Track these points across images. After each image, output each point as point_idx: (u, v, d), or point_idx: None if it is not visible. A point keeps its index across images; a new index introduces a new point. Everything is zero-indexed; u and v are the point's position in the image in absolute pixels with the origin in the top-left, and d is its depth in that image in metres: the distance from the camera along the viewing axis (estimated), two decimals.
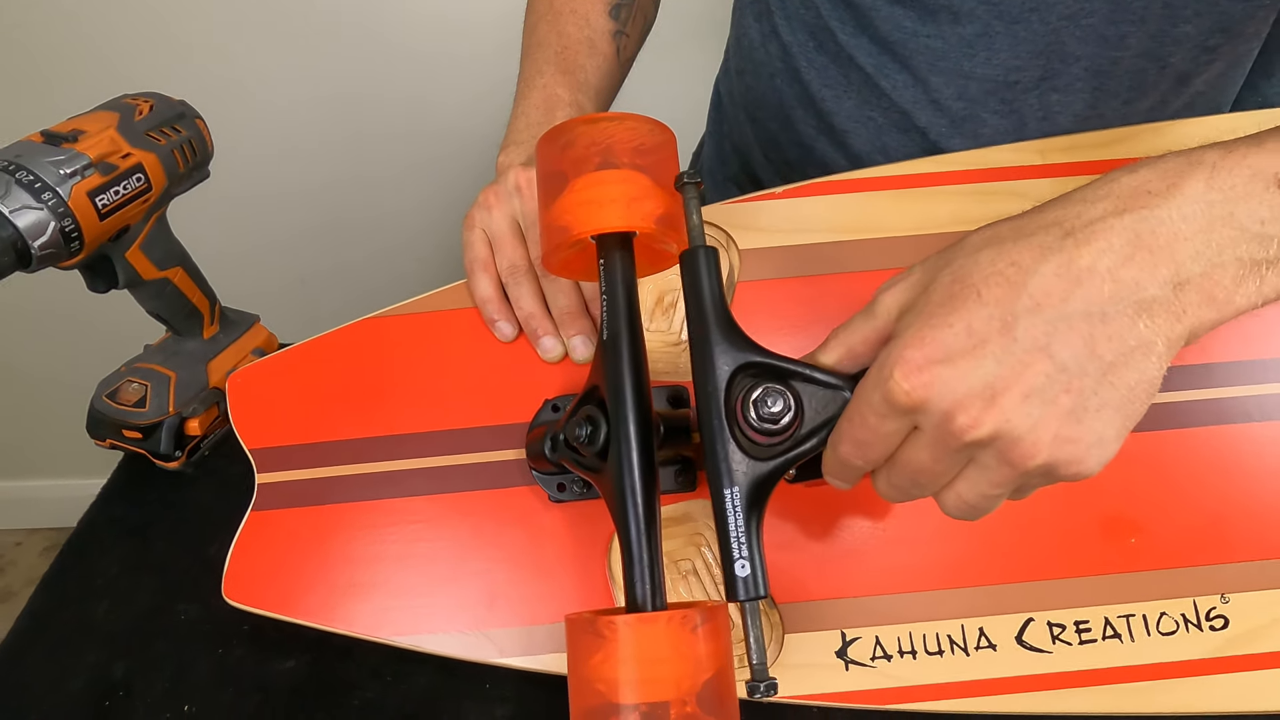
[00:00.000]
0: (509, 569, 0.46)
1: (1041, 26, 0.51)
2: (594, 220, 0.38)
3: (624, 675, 0.33)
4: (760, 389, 0.35)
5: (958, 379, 0.29)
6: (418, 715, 0.47)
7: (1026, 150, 0.52)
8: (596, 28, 0.61)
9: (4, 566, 1.67)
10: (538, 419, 0.46)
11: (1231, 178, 0.30)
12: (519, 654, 0.45)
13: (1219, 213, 0.29)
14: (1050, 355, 0.29)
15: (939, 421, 0.30)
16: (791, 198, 0.51)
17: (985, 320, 0.29)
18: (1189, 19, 0.50)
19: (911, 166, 0.52)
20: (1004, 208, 0.48)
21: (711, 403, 0.35)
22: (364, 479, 0.47)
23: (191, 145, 0.56)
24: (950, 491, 0.33)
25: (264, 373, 0.50)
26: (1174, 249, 0.29)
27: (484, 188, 0.51)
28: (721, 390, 0.35)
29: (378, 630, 0.46)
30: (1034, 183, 0.51)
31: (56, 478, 1.62)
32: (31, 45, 1.06)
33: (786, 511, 0.47)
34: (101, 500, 0.59)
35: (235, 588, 0.46)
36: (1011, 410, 0.29)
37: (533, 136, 0.54)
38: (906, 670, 0.46)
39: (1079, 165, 0.51)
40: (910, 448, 0.32)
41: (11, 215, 0.46)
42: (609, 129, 0.38)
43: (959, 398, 0.29)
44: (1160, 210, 0.29)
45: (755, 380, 0.35)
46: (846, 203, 0.51)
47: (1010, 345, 0.29)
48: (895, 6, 0.53)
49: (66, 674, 0.49)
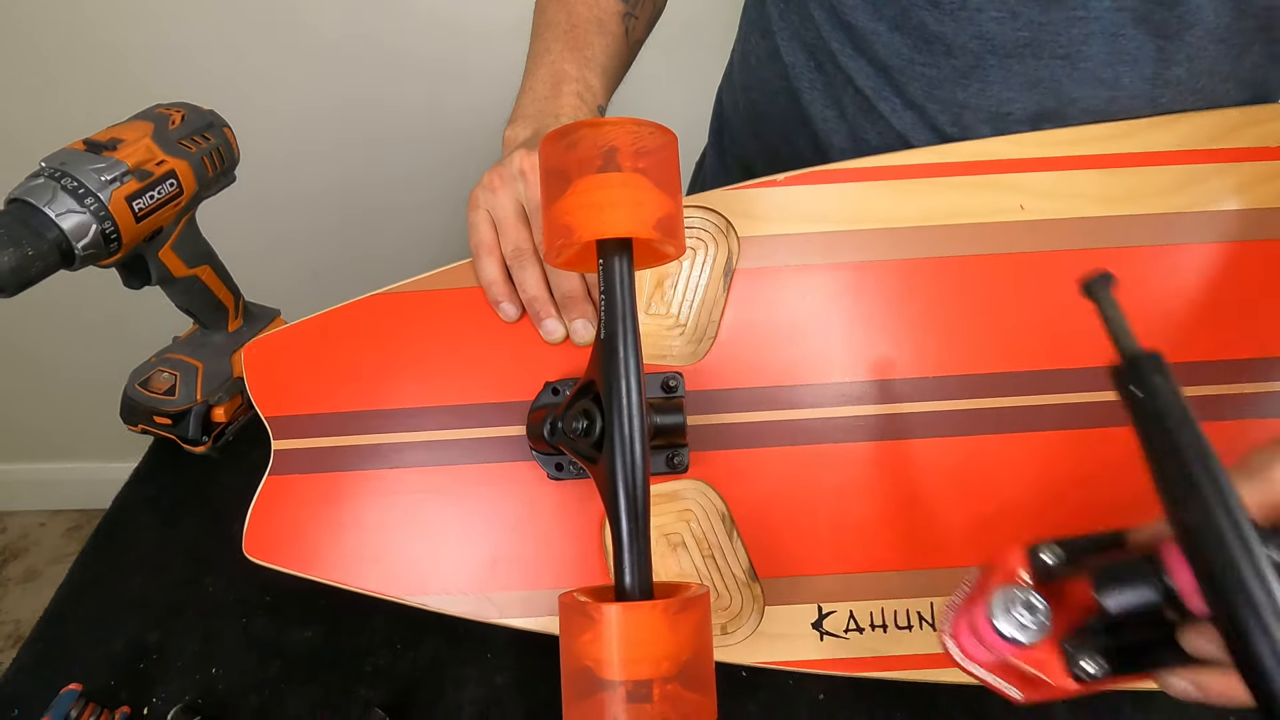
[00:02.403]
0: (510, 537, 0.50)
1: (1035, 63, 0.53)
2: (595, 224, 0.39)
3: (610, 656, 0.36)
4: None
5: None
6: (424, 680, 0.51)
7: (1028, 143, 0.53)
8: (605, 8, 0.61)
9: (28, 546, 1.73)
10: (538, 401, 0.50)
11: None
12: (518, 615, 0.49)
13: None
14: None
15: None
16: (792, 185, 0.53)
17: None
18: (1181, 63, 0.52)
19: (912, 156, 0.53)
20: (1004, 201, 0.52)
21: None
22: (373, 449, 0.50)
23: (220, 152, 0.60)
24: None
25: (278, 344, 0.53)
26: None
27: (489, 169, 0.51)
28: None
29: (387, 588, 0.49)
30: (1035, 176, 0.52)
31: (79, 460, 1.68)
32: (74, 59, 1.11)
33: (769, 492, 0.50)
34: (133, 482, 0.64)
35: (255, 546, 0.50)
36: None
37: (539, 111, 0.54)
38: (877, 642, 0.50)
39: (1081, 159, 0.53)
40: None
41: (58, 219, 0.51)
42: (611, 131, 0.39)
43: None
44: None
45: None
46: (847, 192, 0.52)
47: None
48: (894, 33, 0.55)
49: (105, 638, 0.53)
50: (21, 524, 1.79)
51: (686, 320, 0.52)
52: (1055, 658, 0.34)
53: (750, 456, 0.51)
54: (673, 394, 0.50)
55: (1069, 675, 0.33)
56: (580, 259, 0.43)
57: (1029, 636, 0.33)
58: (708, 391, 0.51)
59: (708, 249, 0.52)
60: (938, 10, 0.52)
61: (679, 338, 0.52)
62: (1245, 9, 0.49)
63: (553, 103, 0.54)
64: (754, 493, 0.51)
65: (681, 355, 0.51)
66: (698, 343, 0.51)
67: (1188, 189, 0.53)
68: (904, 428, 0.51)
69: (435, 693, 0.50)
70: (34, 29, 1.09)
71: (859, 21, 0.56)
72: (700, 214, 0.52)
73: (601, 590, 0.40)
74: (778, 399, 0.51)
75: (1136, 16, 0.50)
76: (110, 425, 0.63)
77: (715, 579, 0.51)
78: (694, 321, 0.52)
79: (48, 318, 1.44)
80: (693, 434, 0.50)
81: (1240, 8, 0.49)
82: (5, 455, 1.72)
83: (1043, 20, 0.51)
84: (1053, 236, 0.52)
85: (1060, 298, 0.52)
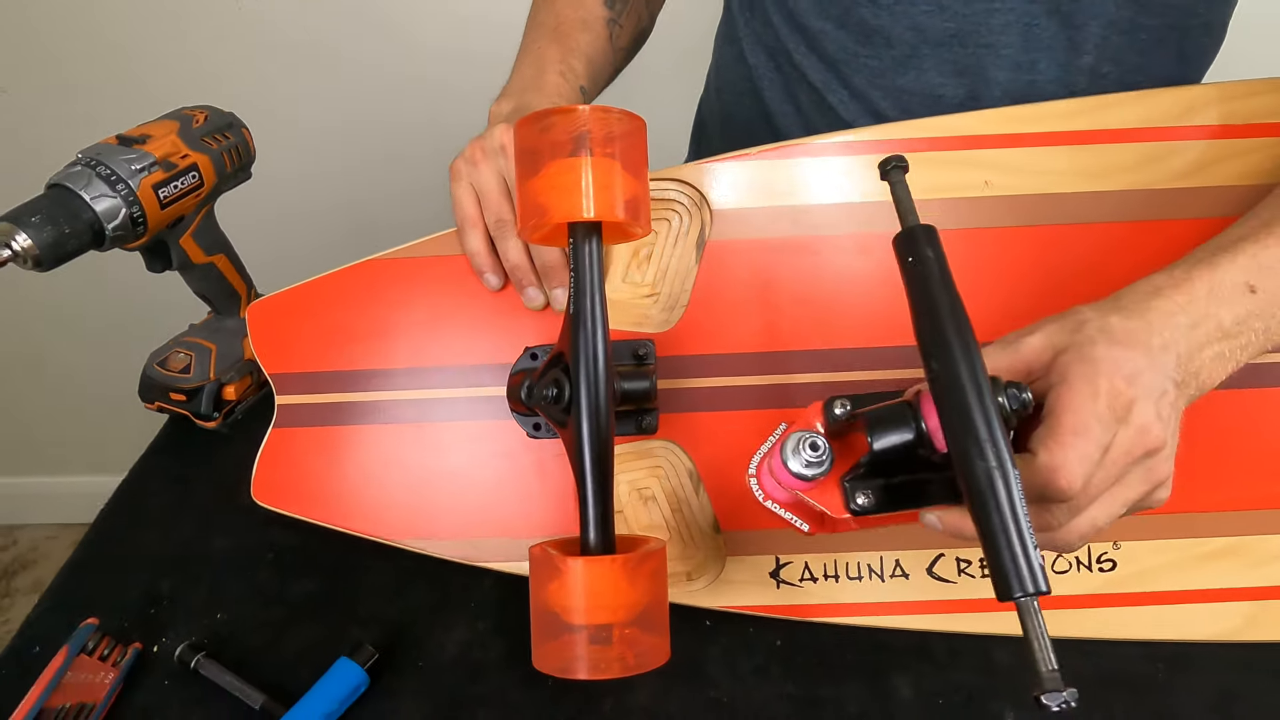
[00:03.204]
0: (493, 490, 0.54)
1: (962, 51, 0.60)
2: (566, 207, 0.42)
3: (574, 603, 0.40)
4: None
5: (1146, 396, 0.37)
6: (414, 624, 0.55)
7: (993, 119, 0.55)
8: (591, 11, 0.66)
9: (38, 559, 1.77)
10: (518, 365, 0.54)
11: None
12: (501, 560, 0.54)
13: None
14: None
15: (1134, 433, 0.36)
16: (764, 159, 0.56)
17: (1137, 368, 0.37)
18: (1089, 51, 0.59)
19: (879, 132, 0.56)
20: (970, 177, 0.55)
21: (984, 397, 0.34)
22: (370, 405, 0.55)
23: (238, 150, 0.66)
24: (1087, 517, 0.37)
25: (280, 305, 0.57)
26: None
27: (471, 140, 0.54)
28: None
29: (380, 531, 0.54)
30: (999, 152, 0.55)
31: (90, 474, 1.72)
32: (112, 68, 1.22)
33: (734, 451, 0.55)
34: (150, 454, 0.68)
35: (262, 491, 0.54)
36: (1170, 430, 0.37)
37: (523, 88, 0.58)
38: (829, 591, 0.54)
39: (1045, 135, 0.55)
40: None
41: (92, 201, 0.56)
42: (582, 117, 0.43)
43: (1148, 413, 0.37)
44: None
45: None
46: (817, 167, 0.55)
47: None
48: (839, 30, 0.62)
49: (120, 587, 0.57)
50: (31, 537, 1.83)
51: (660, 289, 0.57)
52: (837, 494, 0.39)
53: (717, 419, 0.55)
54: (642, 362, 0.55)
55: (846, 510, 0.39)
56: (554, 235, 0.46)
57: (813, 471, 0.38)
58: (679, 357, 0.55)
59: (682, 220, 0.57)
60: (875, 6, 0.59)
61: (654, 306, 0.56)
62: (1146, 5, 0.56)
63: (536, 79, 0.59)
64: (720, 452, 0.55)
65: (656, 322, 0.56)
66: (670, 310, 0.56)
67: (1152, 165, 0.55)
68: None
69: (423, 635, 0.54)
70: (90, 66, 1.22)
71: (809, 22, 0.62)
72: (675, 187, 0.56)
73: (568, 543, 0.45)
74: (744, 365, 0.55)
75: (1048, 8, 0.56)
76: (121, 440, 0.67)
77: (682, 530, 0.55)
78: (668, 290, 0.56)
79: (59, 332, 1.50)
80: (664, 397, 0.55)
81: (1140, 2, 0.55)
82: (16, 469, 1.76)
83: (966, 12, 0.57)
84: (1018, 212, 0.55)
85: (1022, 271, 0.54)
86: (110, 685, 0.50)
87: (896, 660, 0.53)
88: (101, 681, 0.51)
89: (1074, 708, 0.31)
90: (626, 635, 0.41)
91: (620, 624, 0.41)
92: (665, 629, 0.43)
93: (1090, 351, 0.37)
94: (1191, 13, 0.58)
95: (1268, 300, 0.41)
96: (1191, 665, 0.52)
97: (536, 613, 0.42)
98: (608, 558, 0.41)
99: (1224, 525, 0.54)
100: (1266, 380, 0.54)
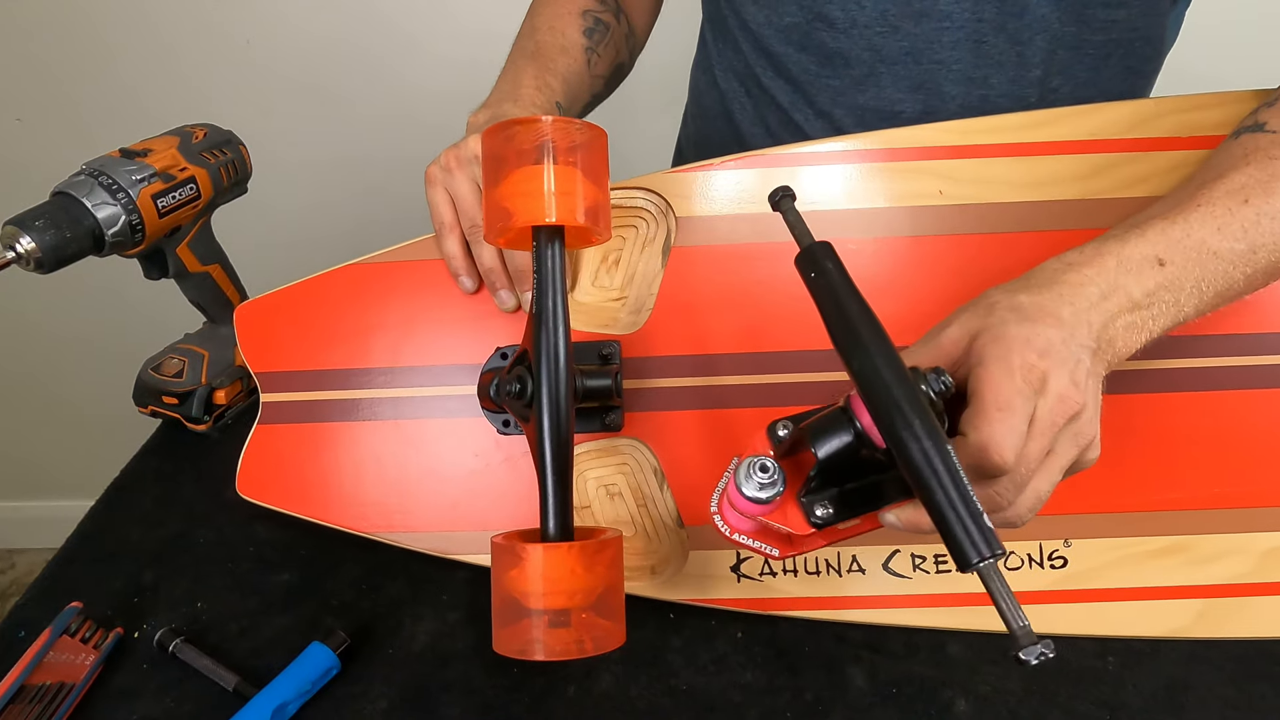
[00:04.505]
0: (466, 484, 0.57)
1: (916, 68, 0.63)
2: (530, 211, 0.45)
3: (533, 589, 0.42)
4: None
5: (1059, 367, 0.38)
6: (387, 615, 0.57)
7: (950, 130, 0.57)
8: (570, 39, 0.69)
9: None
10: (488, 364, 0.57)
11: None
12: (474, 553, 0.56)
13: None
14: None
15: (1054, 402, 0.38)
16: (727, 169, 0.58)
17: (1049, 340, 0.39)
18: (1038, 65, 0.62)
19: (838, 144, 0.58)
20: (924, 186, 0.57)
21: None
22: (347, 403, 0.58)
23: (235, 165, 0.69)
24: (1031, 489, 0.39)
25: (267, 306, 0.60)
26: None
27: (446, 148, 0.57)
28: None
29: (359, 525, 0.56)
30: (955, 163, 0.57)
31: (88, 499, 1.74)
32: (122, 97, 1.29)
33: (696, 449, 0.57)
34: (141, 455, 0.71)
35: (246, 485, 0.57)
36: (1089, 394, 0.39)
37: (500, 100, 0.61)
38: (788, 585, 0.55)
39: (1000, 147, 0.57)
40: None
41: (93, 208, 0.60)
42: (545, 126, 0.45)
43: (1063, 382, 0.38)
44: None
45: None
46: (778, 176, 0.58)
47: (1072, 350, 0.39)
48: (802, 54, 0.66)
49: (105, 577, 0.59)
50: (29, 561, 1.84)
51: (628, 293, 0.59)
52: (797, 512, 0.40)
53: (681, 417, 0.57)
54: (607, 361, 0.57)
55: (808, 525, 0.40)
56: (518, 239, 0.49)
57: (768, 493, 0.39)
58: (644, 358, 0.58)
59: (649, 227, 0.60)
60: (834, 30, 0.62)
61: (622, 309, 0.59)
62: (1087, 21, 0.59)
63: (513, 92, 0.62)
64: (683, 450, 0.57)
65: (623, 324, 0.59)
66: (637, 313, 0.59)
67: (1100, 176, 0.57)
68: (817, 395, 0.58)
69: (395, 625, 0.56)
70: (101, 94, 1.29)
71: (774, 47, 0.66)
72: (643, 195, 0.59)
73: (529, 533, 0.47)
74: (705, 366, 0.58)
75: (995, 25, 0.60)
76: (119, 465, 0.70)
77: (647, 525, 0.57)
78: (634, 294, 0.59)
79: (57, 356, 1.53)
80: (630, 396, 0.57)
81: (1082, 19, 0.59)
82: (14, 493, 1.79)
83: (918, 31, 0.61)
84: (970, 220, 0.57)
85: (971, 276, 0.56)
86: (90, 666, 0.52)
87: (853, 652, 0.54)
88: (82, 662, 0.52)
89: (1051, 657, 0.32)
90: (584, 620, 0.43)
91: (578, 609, 0.42)
92: (621, 615, 0.45)
93: (1001, 331, 0.39)
94: (1131, 27, 0.61)
95: (1176, 273, 0.42)
96: (1142, 658, 0.54)
97: (497, 600, 0.44)
98: (565, 544, 0.43)
99: (1170, 524, 0.55)
100: (1207, 384, 0.56)
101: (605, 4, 0.72)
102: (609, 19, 0.72)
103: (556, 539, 0.45)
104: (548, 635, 0.42)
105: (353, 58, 1.25)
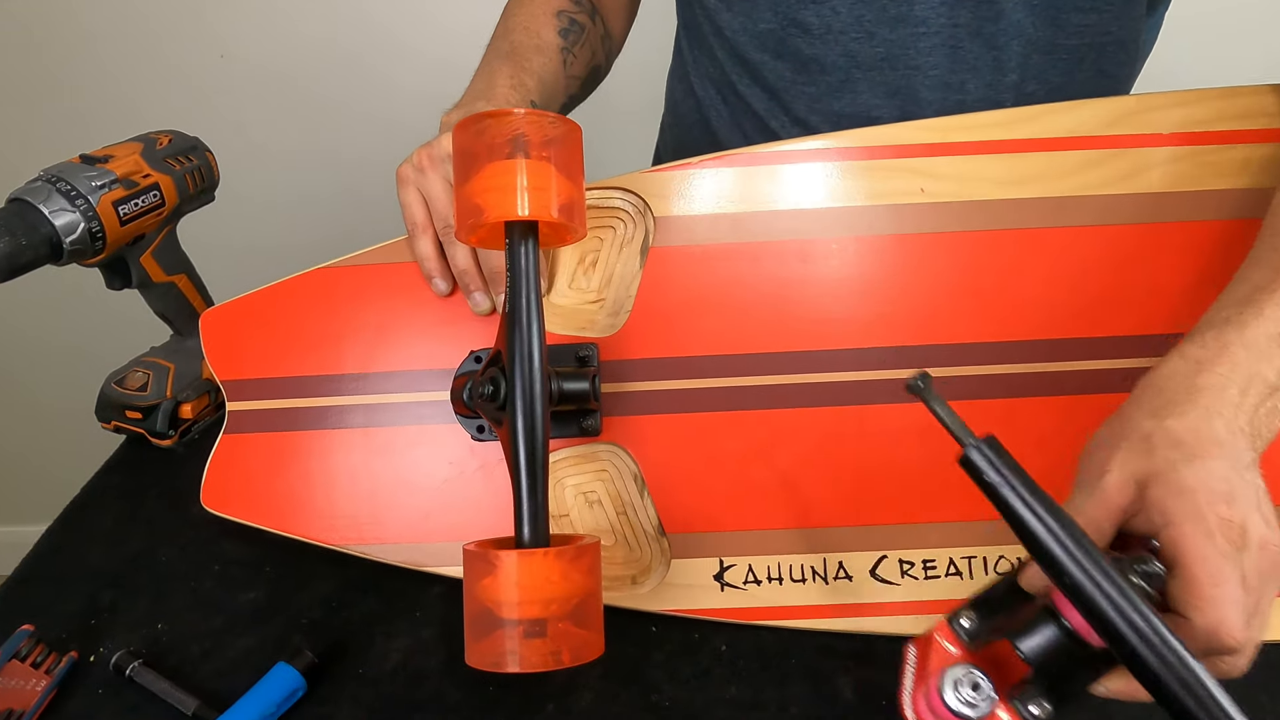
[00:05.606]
0: (440, 493, 0.55)
1: (893, 74, 0.63)
2: (502, 207, 0.43)
3: (507, 598, 0.40)
4: None
5: (1250, 511, 0.36)
6: (358, 633, 0.55)
7: (929, 129, 0.56)
8: (545, 39, 0.68)
9: None
10: (462, 368, 0.55)
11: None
12: (447, 565, 0.54)
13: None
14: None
15: (1257, 553, 0.35)
16: (705, 168, 0.57)
17: (1226, 480, 0.36)
18: (1013, 70, 0.62)
19: (818, 142, 0.56)
20: (906, 184, 0.56)
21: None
22: (317, 411, 0.56)
23: (201, 172, 0.67)
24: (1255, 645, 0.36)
25: (233, 312, 0.58)
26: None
27: (418, 147, 0.55)
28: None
29: (329, 537, 0.54)
30: (935, 160, 0.56)
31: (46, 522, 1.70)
32: (86, 95, 1.28)
33: (677, 455, 0.55)
34: (103, 471, 0.68)
35: (211, 498, 0.54)
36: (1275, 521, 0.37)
37: (474, 98, 0.59)
38: (773, 594, 0.54)
39: (979, 145, 0.56)
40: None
41: (51, 215, 0.58)
42: (518, 121, 0.44)
43: (1259, 527, 0.36)
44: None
45: None
46: (756, 175, 0.56)
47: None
48: (777, 61, 0.65)
49: (61, 598, 0.57)
50: None
51: (606, 294, 0.58)
52: (1009, 713, 0.37)
53: (660, 422, 0.56)
54: (585, 364, 0.55)
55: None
56: (491, 237, 0.48)
57: (980, 711, 0.36)
58: (622, 361, 0.56)
59: (627, 227, 0.58)
60: (809, 37, 0.62)
61: (599, 311, 0.58)
62: (1062, 25, 0.59)
63: (487, 90, 0.60)
64: (663, 455, 0.56)
65: (601, 327, 0.57)
66: (615, 315, 0.57)
67: (1080, 173, 0.56)
68: (799, 397, 0.56)
69: (366, 642, 0.54)
70: (70, 93, 1.27)
71: (750, 55, 0.65)
72: (621, 195, 0.58)
73: (502, 541, 0.45)
74: (685, 369, 0.56)
75: (970, 31, 0.59)
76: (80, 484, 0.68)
77: (627, 534, 0.55)
78: (612, 295, 0.58)
79: (53, 378, 1.50)
80: (608, 400, 0.56)
81: (1056, 24, 0.58)
82: (12, 518, 1.74)
83: (893, 37, 0.60)
84: (953, 218, 0.56)
85: (953, 274, 0.56)
86: (41, 692, 0.50)
87: (840, 663, 0.52)
88: (33, 688, 0.50)
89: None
90: (560, 630, 0.41)
91: (554, 618, 0.40)
92: (599, 624, 0.43)
93: (1176, 480, 0.37)
94: (1104, 31, 0.61)
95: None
96: None
97: (470, 612, 0.42)
98: (540, 550, 0.41)
99: None
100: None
101: (581, 5, 0.71)
102: (584, 20, 0.71)
103: (531, 545, 0.43)
104: (523, 646, 0.40)
105: (326, 58, 1.24)
